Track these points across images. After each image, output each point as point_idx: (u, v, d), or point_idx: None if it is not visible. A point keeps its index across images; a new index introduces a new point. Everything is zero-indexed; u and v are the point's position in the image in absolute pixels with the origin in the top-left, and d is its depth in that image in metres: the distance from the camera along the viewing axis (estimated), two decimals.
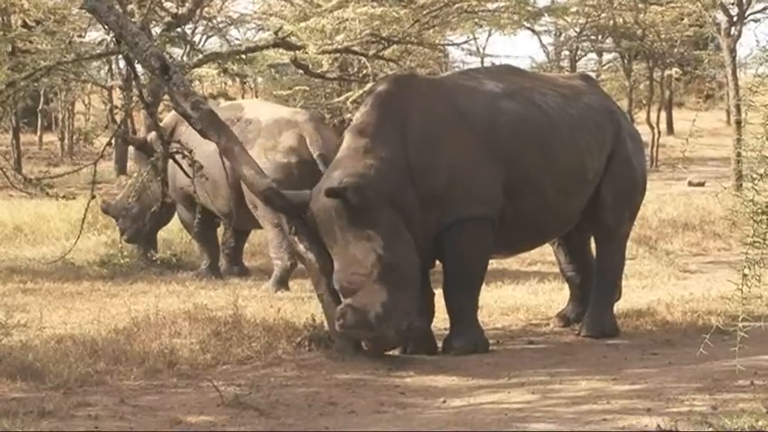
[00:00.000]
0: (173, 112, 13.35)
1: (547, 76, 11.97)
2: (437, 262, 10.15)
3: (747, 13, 25.48)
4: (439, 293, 10.04)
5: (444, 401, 8.20)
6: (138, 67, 10.66)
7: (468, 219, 9.75)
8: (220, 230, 14.86)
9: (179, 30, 16.31)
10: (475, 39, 32.11)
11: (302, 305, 11.55)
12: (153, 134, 14.78)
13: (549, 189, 10.19)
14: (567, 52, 35.27)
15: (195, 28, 27.33)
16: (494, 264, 11.41)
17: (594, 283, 10.84)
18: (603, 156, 10.67)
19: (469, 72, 11.33)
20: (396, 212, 9.45)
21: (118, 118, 24.26)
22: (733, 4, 25.29)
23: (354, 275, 9.20)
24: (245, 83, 32.61)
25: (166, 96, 13.48)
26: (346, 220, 9.29)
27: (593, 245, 11.21)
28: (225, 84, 31.63)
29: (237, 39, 30.65)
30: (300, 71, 17.17)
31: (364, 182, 9.41)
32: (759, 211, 6.51)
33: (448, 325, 10.12)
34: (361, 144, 9.71)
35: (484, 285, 12.67)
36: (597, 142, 10.60)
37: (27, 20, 18.49)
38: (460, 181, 9.74)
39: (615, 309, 11.27)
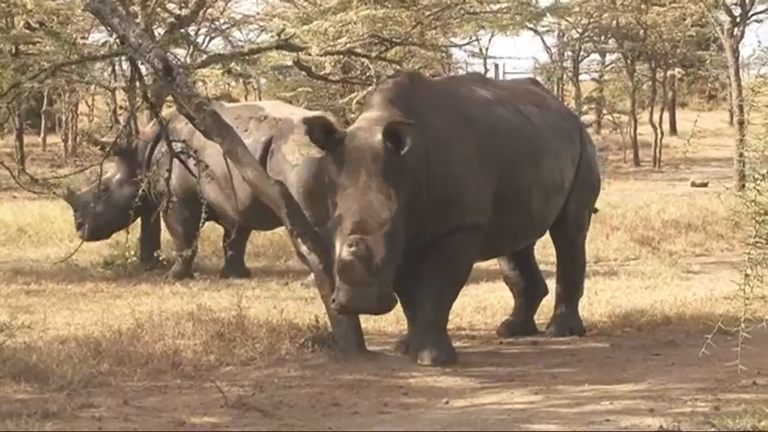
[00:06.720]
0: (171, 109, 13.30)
1: (506, 83, 11.66)
2: None
3: (750, 13, 25.45)
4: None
5: (447, 402, 8.21)
6: (142, 69, 10.68)
7: (469, 226, 9.51)
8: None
9: (182, 31, 16.31)
10: (477, 40, 32.12)
11: (305, 306, 11.56)
12: (150, 132, 14.63)
13: (534, 198, 10.04)
14: (569, 53, 35.26)
15: (198, 29, 27.27)
16: (495, 264, 11.38)
17: (559, 286, 10.79)
18: (575, 163, 10.62)
19: (453, 78, 11.02)
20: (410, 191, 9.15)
21: (122, 119, 24.27)
22: (736, 4, 25.27)
23: (370, 219, 8.82)
24: (248, 84, 32.58)
25: (170, 97, 13.54)
26: (380, 166, 8.93)
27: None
28: (228, 85, 31.63)
29: (240, 40, 30.62)
30: (303, 72, 17.16)
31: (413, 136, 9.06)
32: (761, 211, 6.53)
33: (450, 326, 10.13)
34: (389, 117, 9.29)
35: (487, 285, 12.77)
36: (570, 150, 10.56)
37: (30, 21, 18.48)
38: (468, 187, 9.50)
39: (620, 309, 11.31)
